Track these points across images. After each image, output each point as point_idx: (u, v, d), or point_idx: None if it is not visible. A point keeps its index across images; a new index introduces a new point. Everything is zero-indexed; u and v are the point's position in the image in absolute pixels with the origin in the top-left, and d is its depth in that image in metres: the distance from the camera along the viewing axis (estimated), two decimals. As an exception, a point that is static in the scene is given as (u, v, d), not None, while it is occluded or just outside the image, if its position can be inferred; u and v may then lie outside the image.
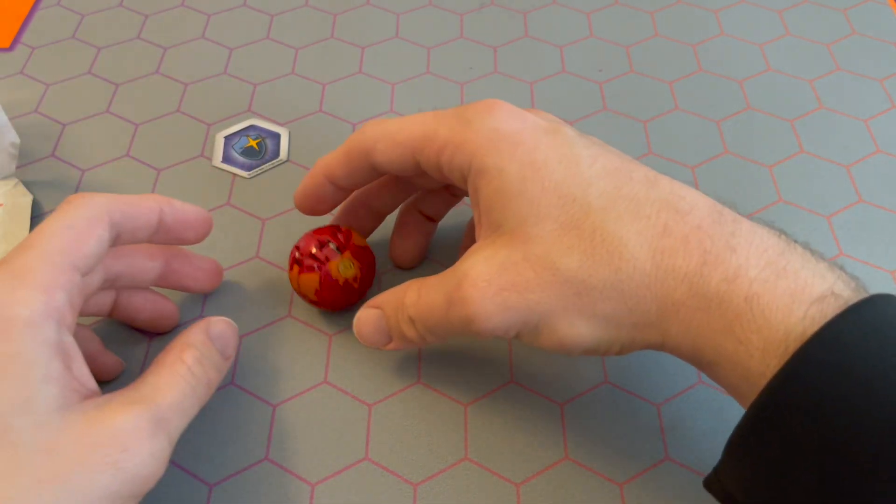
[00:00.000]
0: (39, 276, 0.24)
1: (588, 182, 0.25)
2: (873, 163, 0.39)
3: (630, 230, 0.24)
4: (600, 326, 0.25)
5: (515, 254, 0.25)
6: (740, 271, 0.23)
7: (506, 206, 0.25)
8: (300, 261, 0.31)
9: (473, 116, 0.27)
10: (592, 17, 0.47)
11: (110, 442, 0.23)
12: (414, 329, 0.28)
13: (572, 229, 0.24)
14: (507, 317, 0.25)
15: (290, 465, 0.29)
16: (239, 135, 0.40)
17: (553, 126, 0.27)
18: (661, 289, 0.24)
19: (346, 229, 0.32)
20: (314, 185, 0.31)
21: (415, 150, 0.28)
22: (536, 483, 0.29)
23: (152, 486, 0.24)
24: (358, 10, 0.47)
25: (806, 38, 0.46)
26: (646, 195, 0.25)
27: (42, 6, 0.47)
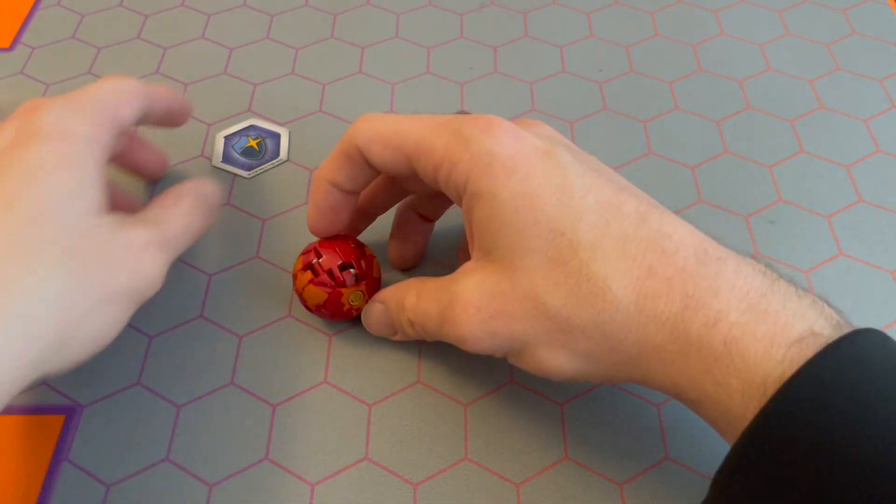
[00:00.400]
0: (94, 111, 0.28)
1: (579, 216, 0.25)
2: (873, 163, 0.39)
3: (615, 271, 0.24)
4: (581, 361, 0.25)
5: (504, 282, 0.26)
6: (721, 315, 0.23)
7: (498, 233, 0.26)
8: (316, 270, 0.30)
9: (471, 135, 0.26)
10: (592, 17, 0.47)
11: (129, 249, 0.27)
12: (413, 329, 0.29)
13: (560, 265, 0.25)
14: (494, 342, 0.26)
15: (290, 465, 0.29)
16: (239, 135, 0.40)
17: (549, 148, 0.26)
18: (643, 332, 0.24)
19: (370, 255, 0.31)
20: (323, 196, 0.30)
21: (410, 157, 0.28)
22: (536, 483, 0.29)
23: (153, 293, 0.28)
24: (358, 10, 0.47)
25: (806, 38, 0.46)
26: (634, 233, 0.25)
27: (42, 6, 0.47)
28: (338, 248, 0.31)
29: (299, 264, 0.31)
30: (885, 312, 0.34)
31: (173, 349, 0.32)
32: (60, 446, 0.30)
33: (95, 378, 0.31)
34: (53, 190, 0.26)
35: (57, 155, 0.26)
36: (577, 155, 0.27)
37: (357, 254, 0.31)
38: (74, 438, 0.30)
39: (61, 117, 0.27)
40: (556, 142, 0.28)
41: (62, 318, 0.25)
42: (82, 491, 0.29)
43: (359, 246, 0.31)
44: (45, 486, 0.29)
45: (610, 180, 0.27)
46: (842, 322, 0.24)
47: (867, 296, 0.34)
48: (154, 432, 0.30)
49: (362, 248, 0.31)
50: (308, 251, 0.31)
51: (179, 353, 0.32)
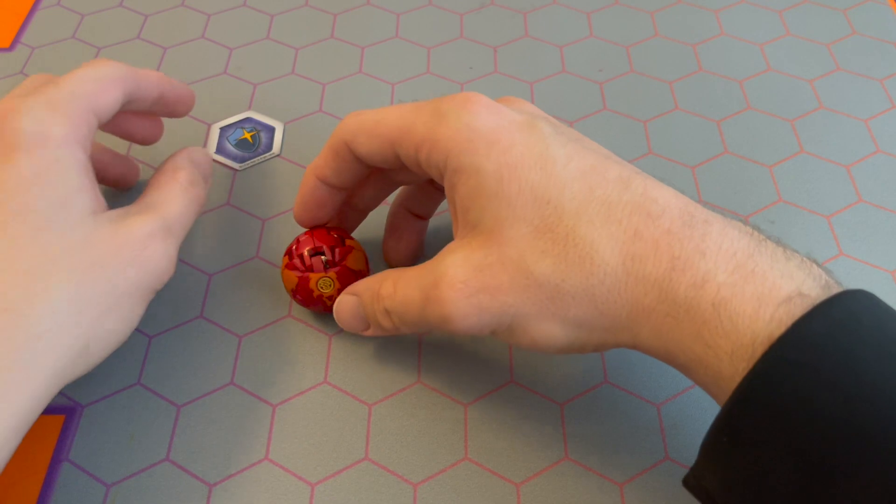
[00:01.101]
0: (69, 108, 0.27)
1: (563, 184, 0.25)
2: (873, 163, 0.39)
3: (601, 235, 0.24)
4: (572, 329, 0.25)
5: (491, 255, 0.25)
6: (708, 276, 0.23)
7: (483, 206, 0.26)
8: (291, 255, 0.32)
9: (449, 111, 0.27)
10: (592, 17, 0.47)
11: (133, 242, 0.27)
12: (389, 320, 0.28)
13: (546, 233, 0.25)
14: (481, 318, 0.26)
15: (290, 465, 0.29)
16: (234, 126, 0.40)
17: (529, 121, 0.27)
18: (631, 295, 0.24)
19: (349, 246, 0.32)
20: (309, 190, 0.31)
21: (394, 144, 0.28)
22: (536, 483, 0.29)
23: (165, 282, 0.28)
24: (358, 10, 0.47)
25: (806, 38, 0.46)
26: (618, 198, 0.25)
27: (42, 6, 0.47)
28: (316, 235, 0.32)
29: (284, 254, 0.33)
30: (885, 312, 0.34)
31: (173, 349, 0.32)
32: (60, 446, 0.30)
33: (95, 378, 0.31)
34: (44, 203, 0.25)
35: (39, 166, 0.26)
36: (558, 127, 0.27)
37: (333, 241, 0.31)
38: (74, 438, 0.30)
39: (37, 121, 0.26)
40: (536, 116, 0.28)
41: (79, 326, 0.25)
42: (82, 491, 0.29)
43: (339, 236, 0.32)
44: (45, 486, 0.29)
45: (592, 150, 0.27)
46: (831, 283, 0.24)
47: (867, 296, 0.34)
48: (154, 432, 0.30)
49: (343, 238, 0.32)
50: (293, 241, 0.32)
51: (179, 353, 0.32)
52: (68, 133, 0.27)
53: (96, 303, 0.25)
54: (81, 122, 0.28)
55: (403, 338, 0.33)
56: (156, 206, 0.29)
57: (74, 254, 0.25)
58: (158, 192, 0.29)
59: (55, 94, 0.28)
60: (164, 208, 0.29)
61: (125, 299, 0.26)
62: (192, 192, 0.30)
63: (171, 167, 0.31)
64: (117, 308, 0.26)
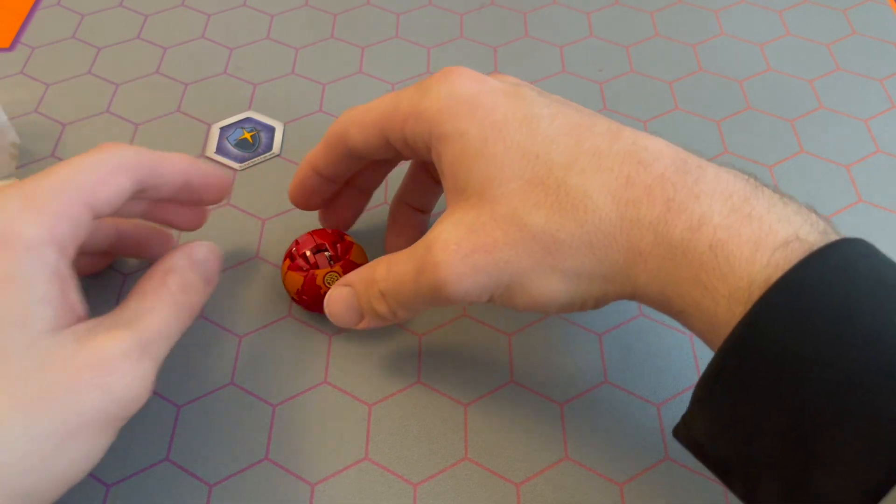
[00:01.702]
0: (50, 203, 0.24)
1: (550, 139, 0.25)
2: (873, 163, 0.39)
3: (593, 183, 0.24)
4: (571, 281, 0.25)
5: (483, 215, 0.25)
6: (704, 219, 0.23)
7: (470, 168, 0.25)
8: (293, 256, 0.32)
9: (431, 85, 0.27)
10: (592, 17, 0.47)
11: (99, 364, 0.23)
12: (385, 304, 0.28)
13: (537, 186, 0.25)
14: (478, 279, 0.25)
15: (290, 465, 0.29)
16: (234, 126, 0.40)
17: (512, 88, 0.27)
18: (627, 239, 0.24)
19: (349, 241, 0.32)
20: (302, 178, 0.32)
21: (383, 129, 0.28)
22: (536, 483, 0.29)
23: (138, 409, 0.24)
24: (358, 10, 0.47)
25: (806, 38, 0.46)
26: (608, 148, 0.25)
27: (42, 6, 0.47)
28: (315, 234, 0.32)
29: (283, 257, 0.33)
30: (885, 312, 0.34)
31: (173, 350, 0.32)
32: (60, 446, 0.30)
33: (95, 378, 0.31)
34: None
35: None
36: (543, 93, 0.27)
37: (334, 237, 0.32)
38: (74, 438, 0.30)
39: (6, 220, 0.23)
40: (520, 83, 0.28)
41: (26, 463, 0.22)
42: (82, 491, 0.29)
43: (337, 233, 0.32)
44: (45, 486, 0.29)
45: (577, 109, 0.27)
46: (829, 230, 0.23)
47: (867, 296, 0.34)
48: (154, 432, 0.30)
49: (341, 235, 0.32)
50: (290, 245, 0.33)
51: (179, 354, 0.32)
52: (41, 234, 0.23)
53: (48, 438, 0.22)
54: (63, 220, 0.24)
55: (404, 337, 0.33)
56: (134, 318, 0.25)
57: (26, 379, 0.22)
58: (141, 300, 0.26)
59: (36, 187, 0.24)
60: (144, 321, 0.25)
61: (84, 431, 0.23)
62: (182, 300, 0.26)
63: (161, 269, 0.27)
64: (74, 441, 0.22)
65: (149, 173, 0.27)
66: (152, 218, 0.31)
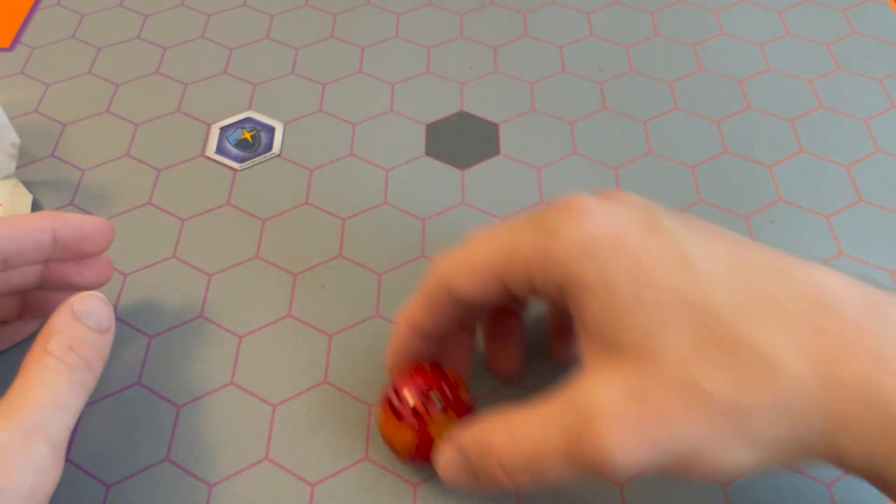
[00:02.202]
0: None
1: (713, 283, 0.22)
2: (873, 163, 0.39)
3: (777, 336, 0.21)
4: (759, 451, 0.21)
5: (649, 378, 0.22)
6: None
7: (622, 321, 0.22)
8: (398, 411, 0.27)
9: (557, 223, 0.24)
10: (592, 17, 0.47)
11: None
12: (506, 474, 0.24)
13: (709, 342, 0.21)
14: (653, 454, 0.21)
15: (290, 465, 0.29)
16: (234, 126, 0.40)
17: (648, 218, 0.23)
18: (829, 404, 0.21)
19: (454, 377, 0.28)
20: (405, 345, 0.28)
21: (499, 274, 0.25)
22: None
23: (50, 493, 0.23)
24: (358, 10, 0.47)
25: (806, 38, 0.46)
26: (783, 290, 0.22)
27: (42, 6, 0.47)
28: (415, 376, 0.27)
29: (381, 406, 0.28)
30: (885, 312, 0.34)
31: (173, 349, 0.32)
32: (60, 446, 0.30)
33: (95, 378, 0.31)
34: None
35: None
36: (681, 218, 0.24)
37: (437, 376, 0.27)
38: (74, 438, 0.30)
39: None
40: (653, 210, 0.24)
41: None
42: (82, 491, 0.29)
43: (438, 369, 0.28)
44: (45, 486, 0.29)
45: (727, 237, 0.24)
46: None
47: (867, 296, 0.34)
48: (154, 432, 0.30)
49: (442, 371, 0.28)
50: (385, 391, 0.28)
51: (179, 353, 0.32)
52: None
53: None
54: None
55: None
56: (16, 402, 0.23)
57: None
58: (25, 376, 0.24)
59: None
60: (27, 401, 0.23)
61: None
62: (73, 362, 0.24)
63: (43, 336, 0.25)
64: None
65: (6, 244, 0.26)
66: (53, 284, 0.29)
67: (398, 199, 0.38)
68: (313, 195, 0.38)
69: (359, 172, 0.39)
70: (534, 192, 0.38)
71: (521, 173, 0.39)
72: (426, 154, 0.39)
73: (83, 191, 0.38)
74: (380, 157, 0.39)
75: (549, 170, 0.39)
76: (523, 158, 0.39)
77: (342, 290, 0.34)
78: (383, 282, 0.34)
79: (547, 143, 0.40)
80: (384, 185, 0.38)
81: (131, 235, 0.36)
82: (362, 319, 0.33)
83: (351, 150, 0.40)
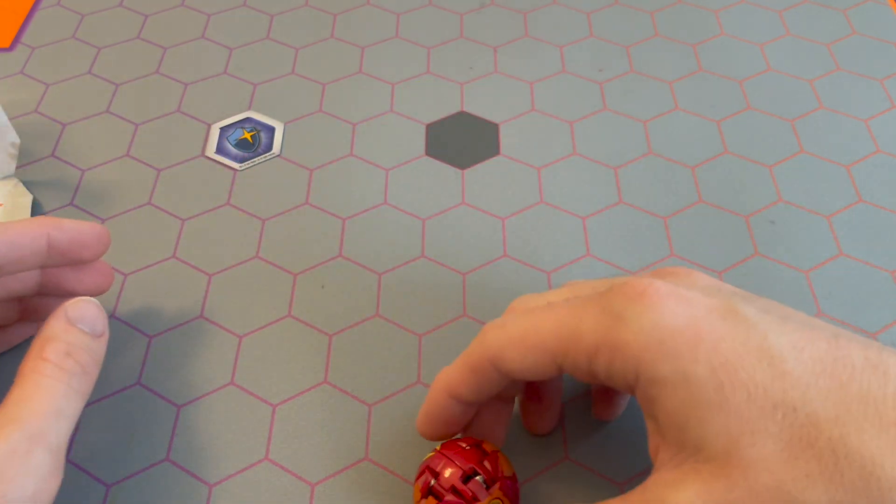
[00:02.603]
0: None
1: (804, 382, 0.20)
2: (873, 163, 0.39)
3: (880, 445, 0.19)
4: None
5: (736, 486, 0.20)
6: None
7: (705, 421, 0.21)
8: (438, 493, 0.25)
9: (625, 310, 0.22)
10: (592, 17, 0.47)
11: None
12: None
13: (804, 449, 0.20)
14: None
15: (290, 465, 0.29)
16: (234, 126, 0.40)
17: (725, 305, 0.22)
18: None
19: (493, 451, 0.26)
20: (440, 408, 0.26)
21: (555, 355, 0.23)
22: (537, 483, 0.29)
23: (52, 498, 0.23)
24: (358, 10, 0.47)
25: (806, 38, 0.46)
26: (880, 391, 0.20)
27: (42, 6, 0.47)
28: (452, 455, 0.26)
29: (417, 493, 0.26)
30: (885, 313, 0.34)
31: (173, 349, 0.32)
32: (60, 446, 0.30)
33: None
34: None
35: None
36: (755, 302, 0.23)
37: (477, 455, 0.26)
38: (75, 438, 0.30)
39: None
40: (727, 293, 0.23)
41: None
42: (83, 491, 0.29)
43: (475, 445, 0.26)
44: (45, 486, 0.29)
45: (810, 326, 0.22)
46: None
47: (867, 296, 0.34)
48: (154, 432, 0.30)
49: (480, 445, 0.26)
50: (422, 472, 0.26)
51: (179, 353, 0.32)
52: None
53: None
54: None
55: (404, 337, 0.33)
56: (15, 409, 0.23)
57: None
58: (22, 384, 0.24)
59: None
60: (26, 409, 0.23)
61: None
62: (70, 367, 0.24)
63: (39, 342, 0.25)
64: None
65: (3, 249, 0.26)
66: (51, 291, 0.29)
67: (398, 199, 0.38)
68: (313, 195, 0.38)
69: (359, 172, 0.39)
70: (534, 192, 0.38)
71: (521, 173, 0.39)
72: (426, 154, 0.39)
73: (83, 191, 0.38)
74: (380, 157, 0.39)
75: (549, 170, 0.39)
76: (523, 158, 0.39)
77: (342, 290, 0.34)
78: (383, 282, 0.34)
79: (547, 143, 0.40)
80: (384, 185, 0.38)
81: (131, 235, 0.36)
82: (362, 319, 0.33)
83: (351, 150, 0.40)
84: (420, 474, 0.26)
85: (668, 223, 0.37)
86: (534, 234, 0.36)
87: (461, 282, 0.35)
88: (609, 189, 0.38)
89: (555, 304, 0.24)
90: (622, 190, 0.38)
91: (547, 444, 0.30)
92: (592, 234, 0.36)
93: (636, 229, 0.36)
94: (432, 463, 0.26)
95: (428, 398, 0.27)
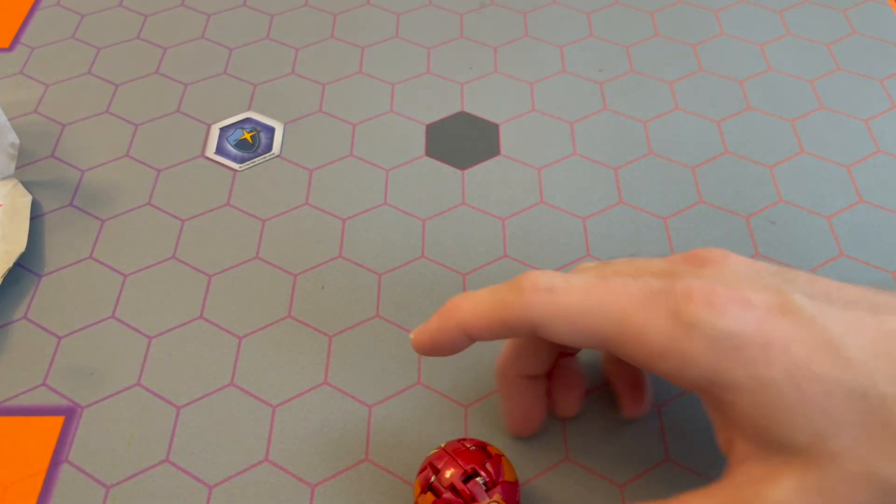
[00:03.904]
0: None
1: (867, 367, 0.21)
2: (873, 163, 0.39)
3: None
4: None
5: (830, 476, 0.21)
6: None
7: (789, 422, 0.22)
8: (437, 489, 0.26)
9: (694, 318, 0.23)
10: (592, 17, 0.47)
11: None
12: None
13: (881, 431, 0.21)
14: None
15: (290, 465, 0.29)
16: (234, 126, 0.40)
17: (781, 299, 0.23)
18: None
19: (497, 454, 0.27)
20: (447, 339, 0.26)
21: (607, 342, 0.24)
22: (537, 483, 0.29)
23: None
24: (358, 10, 0.47)
25: (806, 38, 0.46)
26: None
27: (42, 6, 0.47)
28: (455, 454, 0.26)
29: (417, 487, 0.27)
30: (886, 313, 0.34)
31: (173, 349, 0.32)
32: (60, 448, 0.30)
33: (95, 378, 0.31)
34: None
35: None
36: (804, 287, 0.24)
37: (480, 457, 0.26)
38: (74, 440, 0.30)
39: None
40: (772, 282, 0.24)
41: None
42: (82, 492, 0.29)
43: (480, 447, 0.27)
44: (45, 487, 0.29)
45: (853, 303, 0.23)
46: None
47: (867, 296, 0.34)
48: (154, 433, 0.30)
49: (484, 448, 0.27)
50: (424, 467, 0.27)
51: (180, 354, 0.32)
52: None
53: None
54: None
55: (404, 339, 0.33)
56: None
57: None
58: None
59: None
60: None
61: None
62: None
63: None
64: None
65: None
66: None
67: (398, 199, 0.38)
68: (313, 195, 0.38)
69: (359, 172, 0.39)
70: (534, 192, 0.38)
71: (521, 173, 0.39)
72: (426, 154, 0.39)
73: (83, 191, 0.38)
74: (380, 158, 0.39)
75: (549, 170, 0.39)
76: (523, 158, 0.39)
77: (342, 291, 0.34)
78: (383, 282, 0.34)
79: (547, 143, 0.40)
80: (384, 185, 0.38)
81: (131, 236, 0.36)
82: (362, 320, 0.33)
83: (351, 150, 0.40)
84: (422, 469, 0.27)
85: (668, 223, 0.37)
86: (534, 234, 0.36)
87: (461, 282, 0.35)
88: (609, 189, 0.38)
89: (613, 288, 0.24)
90: (622, 190, 0.38)
91: (547, 445, 0.30)
92: (593, 234, 0.36)
93: (636, 229, 0.36)
94: (435, 460, 0.26)
95: (439, 326, 0.26)
